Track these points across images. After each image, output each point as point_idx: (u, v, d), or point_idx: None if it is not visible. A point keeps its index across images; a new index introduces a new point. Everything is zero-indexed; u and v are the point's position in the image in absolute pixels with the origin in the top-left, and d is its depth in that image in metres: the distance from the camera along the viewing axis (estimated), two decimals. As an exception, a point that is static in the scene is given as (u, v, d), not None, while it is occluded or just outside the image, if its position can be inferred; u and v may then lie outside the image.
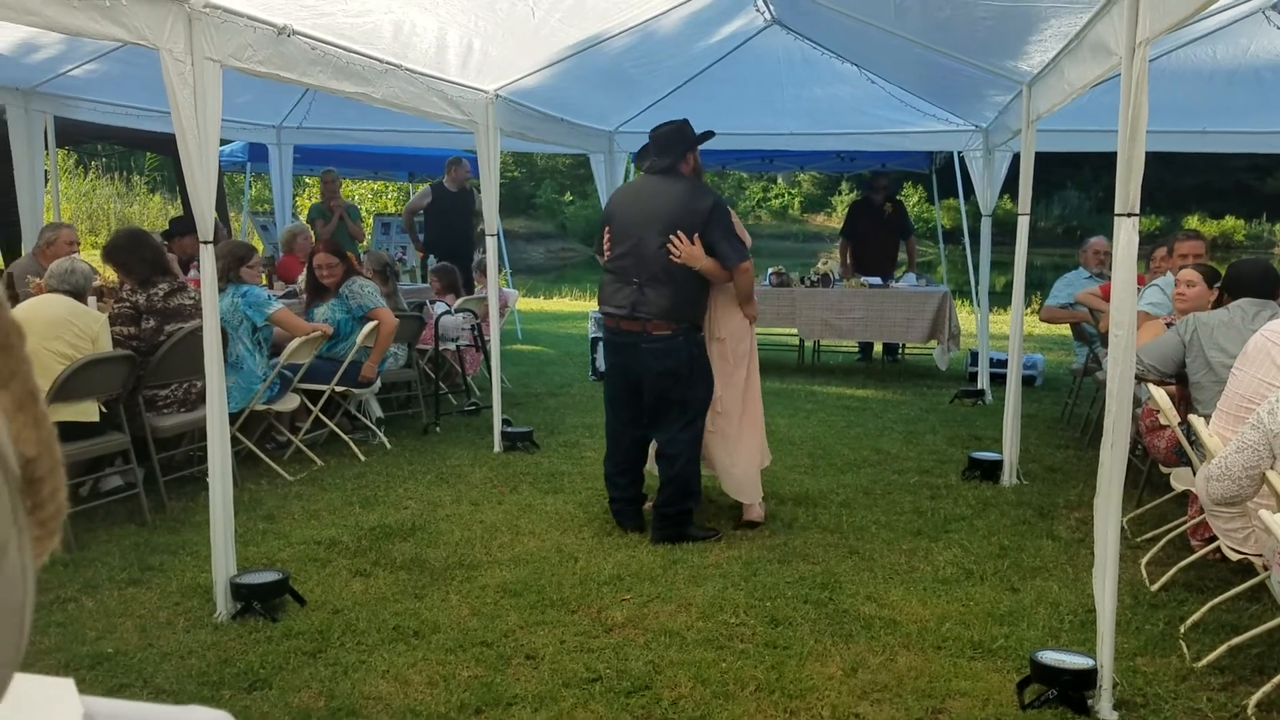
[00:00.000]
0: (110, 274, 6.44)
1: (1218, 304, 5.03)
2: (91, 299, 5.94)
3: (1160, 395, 4.31)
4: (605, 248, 5.05)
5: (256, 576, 4.04)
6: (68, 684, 0.59)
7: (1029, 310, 10.20)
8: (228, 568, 4.00)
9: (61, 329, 4.83)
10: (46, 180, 8.45)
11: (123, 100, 8.36)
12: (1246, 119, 8.07)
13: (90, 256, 9.05)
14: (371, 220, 13.54)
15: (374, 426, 6.93)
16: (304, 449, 6.28)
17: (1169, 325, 5.07)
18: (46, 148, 8.10)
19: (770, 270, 9.91)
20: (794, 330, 9.87)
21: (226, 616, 3.93)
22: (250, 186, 14.02)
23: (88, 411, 4.85)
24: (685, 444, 4.93)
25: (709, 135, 5.14)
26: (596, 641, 3.77)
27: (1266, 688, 3.23)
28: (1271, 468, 3.17)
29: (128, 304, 5.43)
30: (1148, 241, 6.42)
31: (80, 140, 13.52)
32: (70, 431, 4.75)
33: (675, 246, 4.78)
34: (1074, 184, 37.81)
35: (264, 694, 3.35)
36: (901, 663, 3.61)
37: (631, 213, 4.97)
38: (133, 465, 5.14)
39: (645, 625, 3.91)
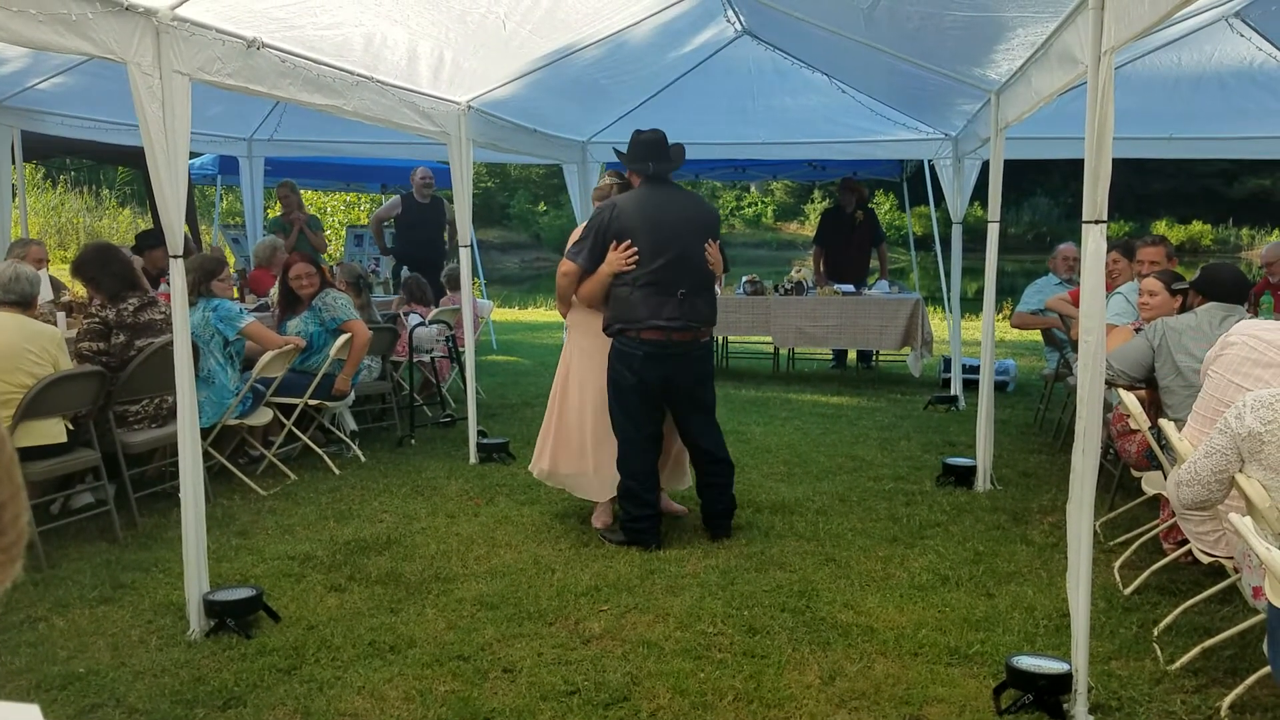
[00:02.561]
0: (79, 289, 6.38)
1: (1186, 306, 5.08)
2: (61, 315, 5.89)
3: (1130, 400, 4.35)
4: (629, 260, 4.81)
5: (230, 593, 4.01)
6: (33, 710, 0.58)
7: (1000, 316, 10.28)
8: (200, 585, 3.96)
9: (18, 359, 4.69)
10: (14, 195, 8.37)
11: (91, 114, 8.29)
12: (1211, 125, 8.17)
13: (59, 272, 8.97)
14: (345, 232, 13.49)
15: (348, 440, 6.89)
16: (277, 463, 6.24)
17: (1138, 330, 5.12)
18: (14, 162, 8.02)
19: (744, 279, 9.95)
20: (769, 338, 9.89)
21: (200, 634, 3.89)
22: (221, 199, 13.94)
23: (54, 433, 4.77)
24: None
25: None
26: (574, 653, 3.76)
27: (1239, 689, 3.26)
28: (1240, 471, 3.20)
29: (97, 319, 5.37)
30: (1116, 247, 6.51)
31: (48, 154, 13.38)
32: (40, 449, 4.69)
33: (710, 254, 4.98)
34: (1043, 191, 38.19)
35: (238, 712, 3.32)
36: (879, 670, 3.62)
37: (661, 223, 4.87)
38: (103, 482, 5.09)
39: (623, 636, 3.90)
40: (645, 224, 4.86)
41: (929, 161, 9.55)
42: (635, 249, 4.83)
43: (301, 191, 10.34)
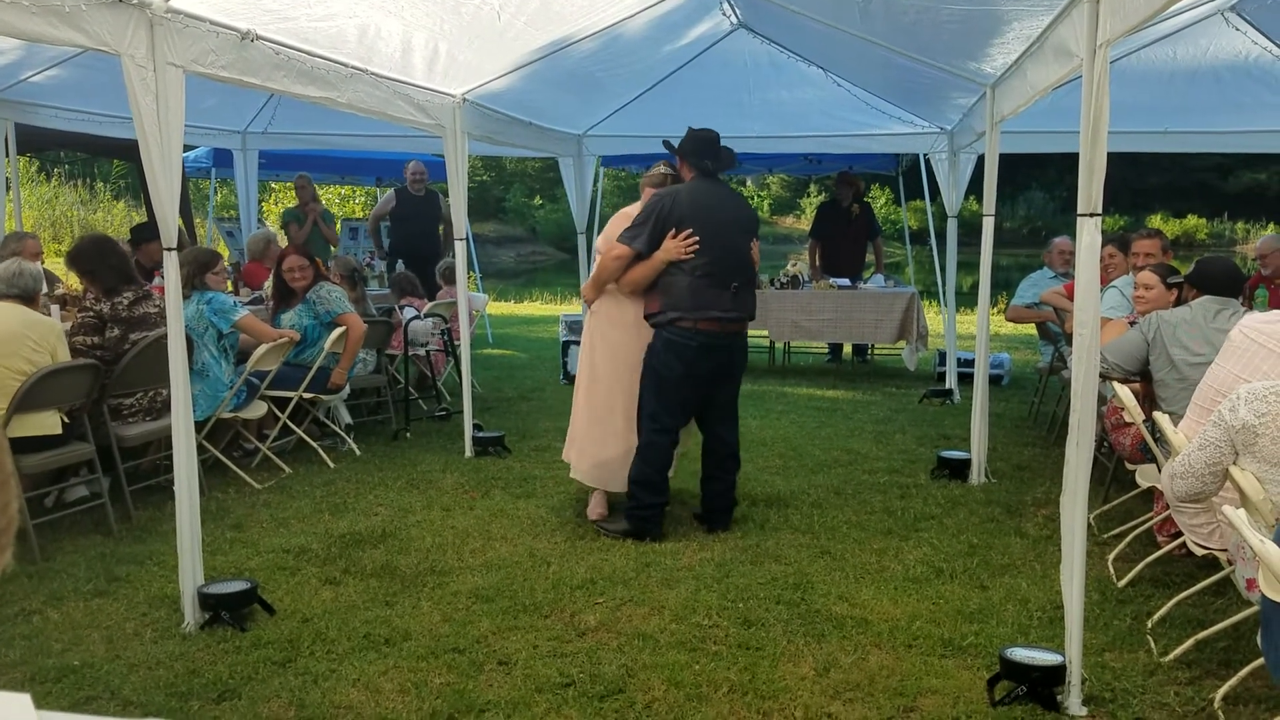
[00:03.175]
0: (74, 282, 6.36)
1: (1181, 299, 5.08)
2: (55, 308, 5.87)
3: (1125, 393, 4.36)
4: (689, 249, 4.85)
5: (224, 586, 4.00)
6: (24, 699, 0.58)
7: (995, 310, 10.29)
8: (195, 577, 3.95)
9: (18, 345, 4.70)
10: (8, 188, 8.35)
11: (85, 106, 8.26)
12: (1207, 119, 8.17)
13: (54, 264, 8.95)
14: (340, 225, 13.47)
15: (343, 433, 6.88)
16: (272, 456, 6.23)
17: (1132, 324, 5.13)
18: (7, 154, 8.00)
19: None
20: (765, 332, 9.90)
21: (194, 627, 3.89)
22: (215, 192, 13.92)
23: (50, 424, 4.77)
24: None
25: None
26: (569, 646, 3.76)
27: (1232, 681, 3.26)
28: (1234, 463, 3.21)
29: (92, 313, 5.36)
30: (1111, 241, 6.52)
31: (42, 147, 13.35)
32: (34, 442, 4.68)
33: (753, 252, 5.12)
34: (1039, 185, 38.18)
35: (233, 704, 3.32)
36: (873, 662, 3.62)
37: (716, 217, 4.97)
38: (98, 475, 5.08)
39: (618, 629, 3.91)
40: (703, 216, 4.93)
41: (924, 155, 9.55)
42: (696, 238, 4.88)
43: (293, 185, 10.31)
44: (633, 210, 5.18)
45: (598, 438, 5.17)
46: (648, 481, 4.97)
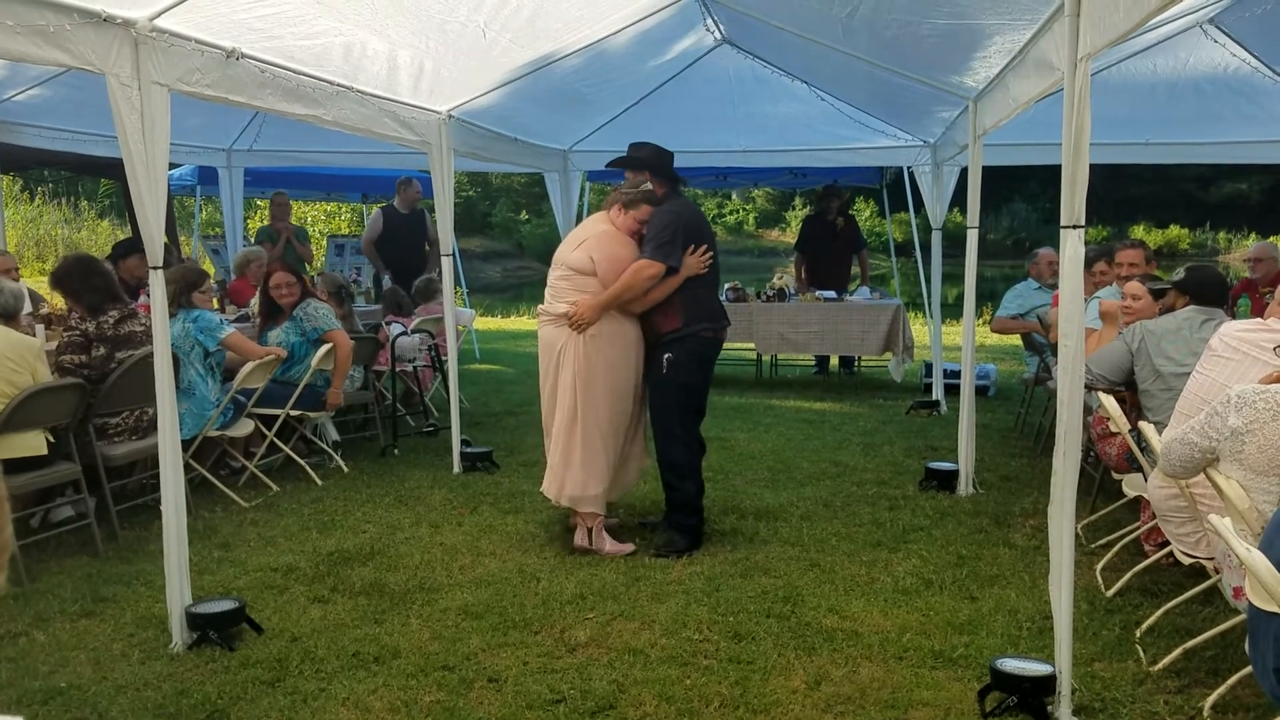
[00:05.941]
0: (58, 301, 6.33)
1: (1169, 308, 5.10)
2: (39, 327, 5.85)
3: (1110, 403, 4.38)
4: (705, 265, 5.05)
5: (212, 605, 3.98)
6: (18, 722, 0.58)
7: (980, 321, 10.34)
8: (183, 597, 3.93)
9: None
10: (-9, 207, 8.33)
11: (69, 125, 8.26)
12: (1188, 130, 8.24)
13: (38, 284, 8.91)
14: (325, 242, 13.44)
15: (330, 450, 6.86)
16: (259, 475, 6.21)
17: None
18: (-10, 174, 7.98)
19: (727, 285, 9.98)
20: (751, 345, 9.92)
21: (182, 647, 3.87)
22: (201, 210, 13.87)
23: (35, 445, 4.74)
24: None
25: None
26: (560, 662, 3.75)
27: (1221, 689, 3.28)
28: (1214, 466, 3.23)
29: (77, 332, 5.33)
30: (1101, 255, 6.55)
31: (26, 166, 13.30)
32: (20, 462, 4.65)
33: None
34: (1022, 197, 38.45)
35: (222, 725, 3.30)
36: (864, 674, 3.62)
37: (705, 231, 5.18)
38: (84, 495, 5.05)
39: (609, 644, 3.90)
40: (697, 229, 5.12)
41: (908, 168, 9.60)
42: (712, 253, 5.09)
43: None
44: (625, 227, 5.05)
45: (614, 460, 5.04)
46: (701, 494, 5.16)
